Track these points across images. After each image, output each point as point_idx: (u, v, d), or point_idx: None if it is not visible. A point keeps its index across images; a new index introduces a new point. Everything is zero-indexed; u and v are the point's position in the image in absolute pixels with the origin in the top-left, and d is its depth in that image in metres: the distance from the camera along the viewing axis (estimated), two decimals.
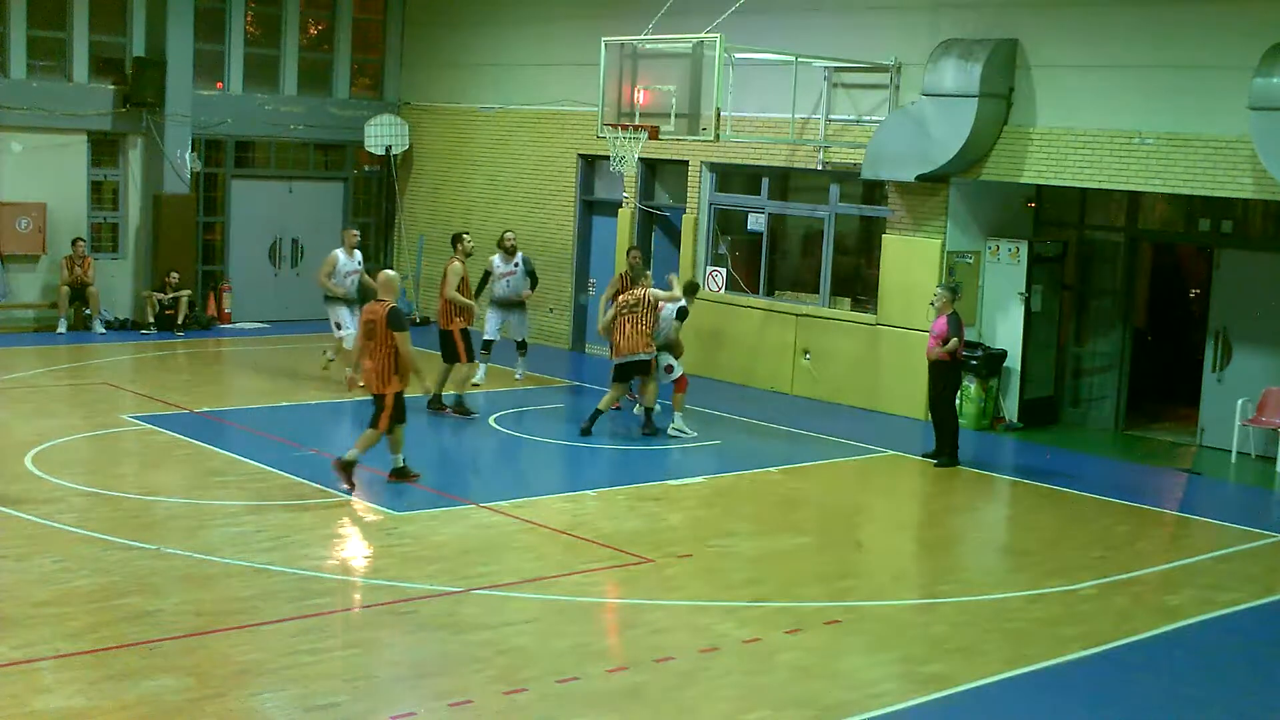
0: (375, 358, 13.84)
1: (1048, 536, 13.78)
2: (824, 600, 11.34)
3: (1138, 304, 19.99)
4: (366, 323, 13.96)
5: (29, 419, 16.46)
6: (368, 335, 13.89)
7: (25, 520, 12.31)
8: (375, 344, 13.81)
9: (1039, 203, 19.59)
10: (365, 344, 13.93)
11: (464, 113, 25.65)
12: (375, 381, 13.88)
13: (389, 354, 13.78)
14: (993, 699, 9.48)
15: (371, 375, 13.89)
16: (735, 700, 9.13)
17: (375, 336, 13.81)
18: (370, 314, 13.96)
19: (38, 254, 23.37)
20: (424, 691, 9.01)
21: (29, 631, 9.65)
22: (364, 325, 14.02)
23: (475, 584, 11.17)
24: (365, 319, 14.00)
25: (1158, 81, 16.90)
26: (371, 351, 13.86)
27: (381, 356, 13.80)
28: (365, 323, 13.98)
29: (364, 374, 14.01)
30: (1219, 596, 11.95)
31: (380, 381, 13.85)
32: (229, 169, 25.40)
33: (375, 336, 13.81)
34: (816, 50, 19.42)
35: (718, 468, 15.94)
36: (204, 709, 8.50)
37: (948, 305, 16.49)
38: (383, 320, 13.75)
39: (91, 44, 23.80)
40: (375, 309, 13.93)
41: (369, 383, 13.97)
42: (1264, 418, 17.26)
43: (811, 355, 20.33)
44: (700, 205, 21.85)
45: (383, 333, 13.75)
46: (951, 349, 16.29)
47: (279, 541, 12.08)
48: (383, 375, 13.84)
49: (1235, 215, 18.08)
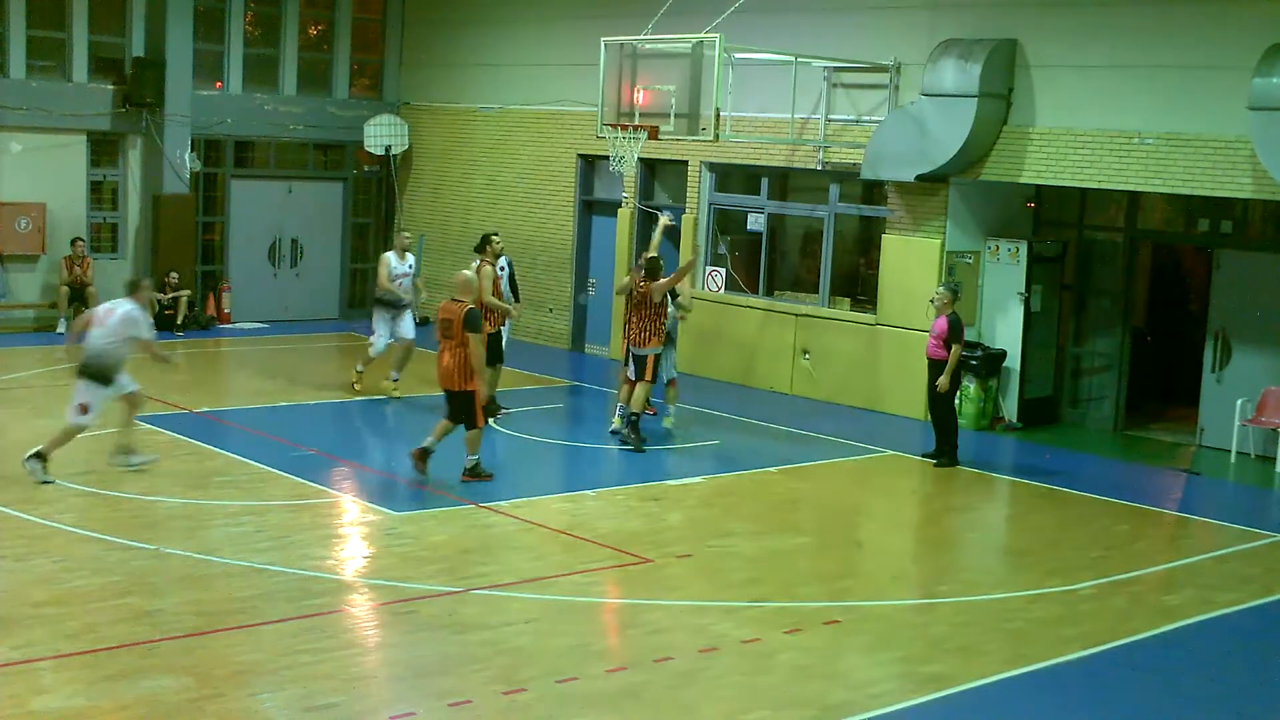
0: (454, 355, 14.15)
1: (1047, 536, 13.78)
2: (823, 600, 11.34)
3: (1137, 304, 19.99)
4: (443, 321, 14.25)
5: (28, 419, 16.46)
6: (445, 334, 14.22)
7: (24, 520, 12.31)
8: (453, 342, 14.13)
9: (1038, 203, 19.59)
10: (443, 341, 14.26)
11: (463, 113, 25.66)
12: (456, 378, 14.15)
13: (467, 353, 14.10)
14: (992, 699, 9.48)
15: (451, 372, 14.16)
16: (735, 700, 9.13)
17: (453, 335, 14.12)
18: (447, 313, 14.23)
19: (37, 254, 23.37)
20: (423, 691, 9.01)
21: (28, 632, 9.64)
22: (440, 324, 14.32)
23: (475, 584, 11.16)
24: (442, 317, 14.29)
25: (1157, 81, 16.90)
26: (450, 349, 14.17)
27: (460, 354, 14.12)
28: (442, 321, 14.28)
29: (440, 371, 14.32)
30: (1218, 596, 11.95)
31: (461, 378, 14.14)
32: (228, 169, 25.40)
33: (453, 335, 14.12)
34: (816, 50, 19.42)
35: (717, 468, 15.94)
36: (203, 709, 8.50)
37: (948, 305, 16.40)
38: (460, 320, 14.04)
39: (91, 44, 23.80)
40: (453, 308, 14.20)
41: (446, 380, 14.26)
42: (1263, 418, 17.26)
43: (811, 355, 20.33)
44: (700, 205, 21.85)
45: (459, 332, 14.04)
46: (954, 358, 16.18)
47: (278, 541, 12.07)
48: (463, 372, 14.12)
49: (1235, 215, 18.09)
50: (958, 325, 16.34)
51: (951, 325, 16.27)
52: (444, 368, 14.25)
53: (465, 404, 14.22)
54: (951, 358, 16.16)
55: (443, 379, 14.32)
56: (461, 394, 14.20)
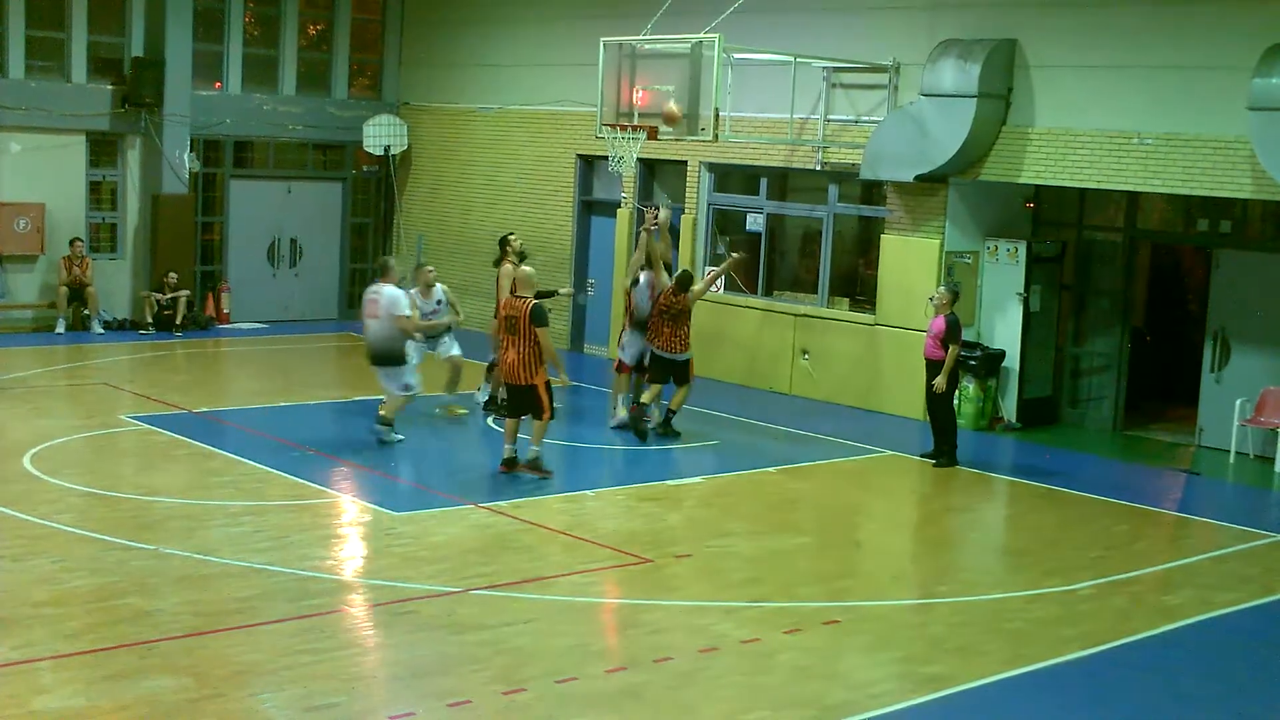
0: (519, 350, 14.50)
1: (1046, 536, 13.78)
2: (823, 600, 11.34)
3: (1136, 304, 19.99)
4: (508, 318, 14.71)
5: (27, 419, 16.46)
6: (510, 330, 14.61)
7: (24, 520, 12.31)
8: (519, 338, 14.49)
9: (1037, 203, 19.59)
10: (508, 338, 14.67)
11: (463, 113, 25.66)
12: (521, 373, 14.52)
13: (533, 347, 14.45)
14: (991, 699, 9.47)
15: (517, 367, 14.54)
16: (734, 700, 9.12)
17: (518, 331, 14.48)
18: (512, 309, 14.70)
19: (36, 254, 23.37)
20: (423, 691, 9.01)
21: (28, 632, 9.64)
22: (504, 320, 14.80)
23: (474, 584, 11.16)
24: (506, 314, 14.80)
25: (1156, 82, 16.91)
26: (515, 345, 14.54)
27: (526, 349, 14.46)
28: (506, 318, 14.75)
29: (506, 366, 14.72)
30: (1217, 596, 11.95)
31: (527, 373, 14.50)
32: (228, 169, 25.40)
33: (518, 331, 14.48)
34: (815, 50, 19.42)
35: (716, 468, 15.94)
36: (203, 709, 8.50)
37: (947, 305, 16.34)
38: (526, 315, 14.41)
39: (90, 44, 23.80)
40: (516, 304, 14.66)
41: (512, 375, 14.63)
42: (1262, 418, 17.26)
43: (810, 355, 20.34)
44: (699, 205, 21.85)
45: (526, 327, 14.39)
46: (952, 358, 16.14)
47: (278, 542, 12.07)
48: (529, 366, 14.50)
49: (1234, 215, 18.09)
50: (955, 325, 16.28)
51: (950, 325, 16.21)
52: (509, 363, 14.63)
53: (532, 397, 14.58)
54: (949, 358, 16.09)
55: (508, 374, 14.71)
56: (528, 388, 14.55)
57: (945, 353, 16.19)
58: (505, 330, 14.77)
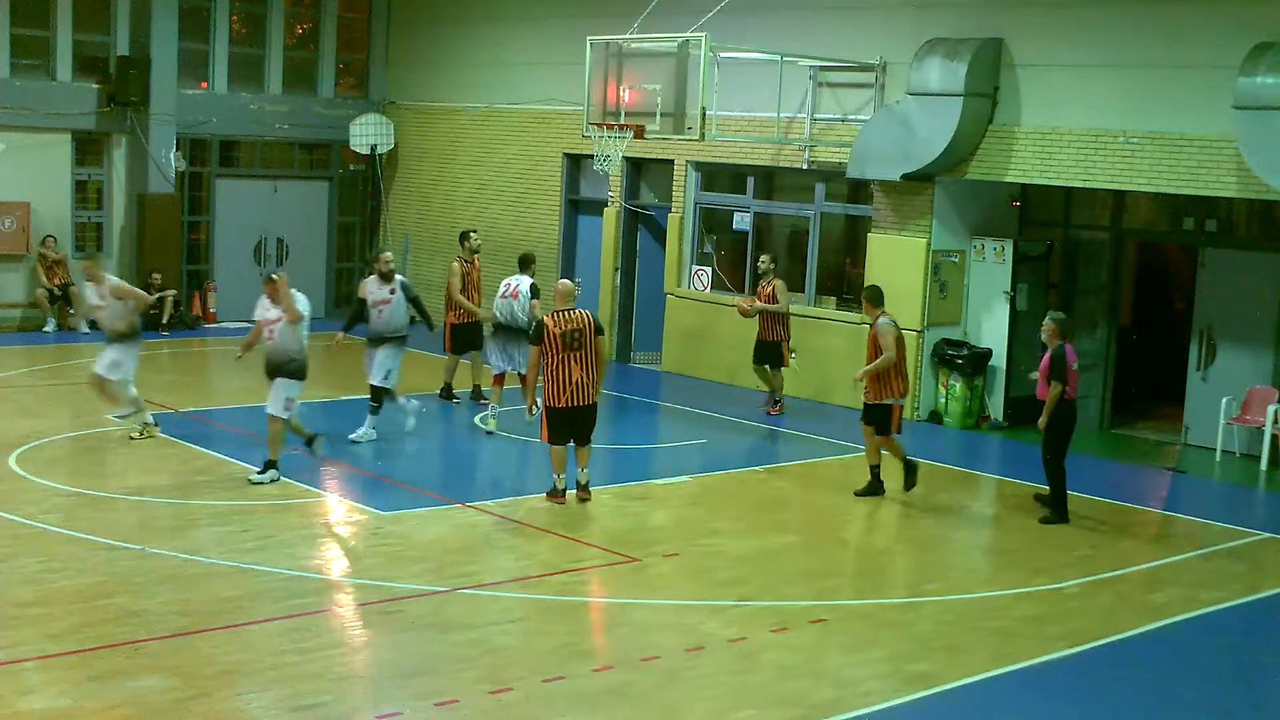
0: (585, 367, 13.35)
1: (1033, 535, 13.80)
2: (809, 599, 11.35)
3: (1123, 303, 20.02)
4: (570, 333, 13.27)
5: (12, 419, 16.41)
6: (573, 346, 13.27)
7: (9, 520, 12.27)
8: (584, 353, 13.32)
9: (1024, 201, 19.63)
10: (567, 355, 13.25)
11: (449, 112, 25.63)
12: (592, 392, 13.45)
13: (597, 361, 13.42)
14: (978, 697, 9.49)
15: (586, 386, 13.37)
16: (721, 699, 9.13)
17: (584, 345, 13.32)
18: (574, 323, 13.34)
19: (21, 254, 23.31)
20: (410, 691, 9.00)
21: (13, 632, 9.62)
22: (564, 336, 13.24)
23: (461, 583, 11.16)
24: (567, 329, 13.26)
25: (1142, 80, 16.94)
26: (579, 361, 13.30)
27: (591, 365, 13.39)
28: (568, 333, 13.26)
29: (572, 387, 13.30)
30: (1203, 595, 11.98)
31: (595, 390, 13.52)
32: (214, 168, 25.36)
33: (584, 345, 13.32)
34: (802, 49, 19.44)
35: (703, 467, 15.94)
36: (190, 709, 8.48)
37: (1055, 335, 13.85)
38: (593, 328, 13.39)
39: (75, 43, 23.74)
40: (575, 318, 13.38)
41: (582, 395, 13.38)
42: (1248, 416, 17.31)
43: (797, 354, 20.34)
44: (685, 204, 21.85)
45: (592, 340, 13.34)
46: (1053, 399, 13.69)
47: (265, 541, 12.05)
48: (596, 384, 13.49)
49: (1220, 214, 18.13)
50: (1059, 359, 13.72)
51: (1054, 360, 13.75)
52: (577, 382, 13.29)
53: (594, 418, 13.70)
54: (1051, 397, 13.74)
55: (577, 395, 13.35)
56: (593, 407, 13.58)
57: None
58: (565, 348, 13.21)
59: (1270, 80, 15.39)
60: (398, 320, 16.32)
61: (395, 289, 16.31)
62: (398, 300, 16.30)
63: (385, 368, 16.15)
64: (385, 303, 16.25)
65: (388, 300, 16.25)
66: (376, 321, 16.27)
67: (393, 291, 16.29)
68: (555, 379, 13.32)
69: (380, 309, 16.24)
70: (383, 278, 16.36)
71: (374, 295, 16.28)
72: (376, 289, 16.31)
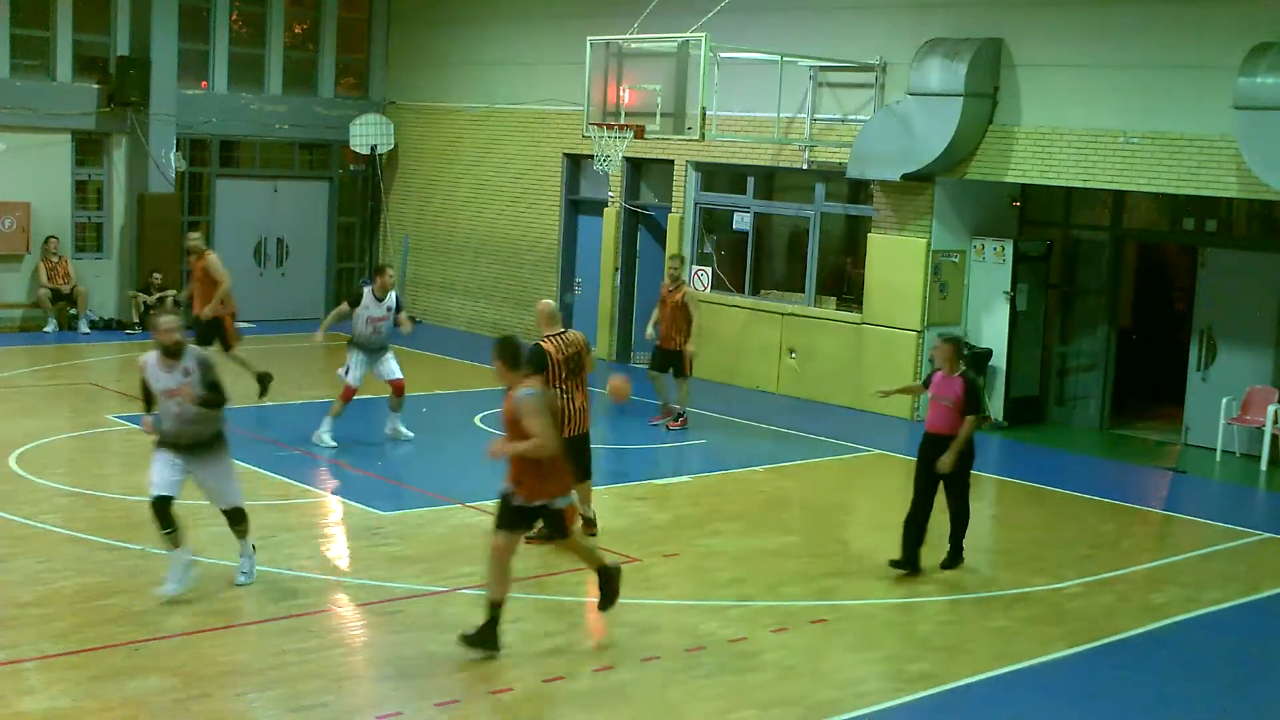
0: (585, 392, 12.27)
1: (1033, 535, 13.81)
2: (809, 599, 11.35)
3: (1123, 303, 20.02)
4: (572, 358, 12.05)
5: (13, 419, 16.41)
6: (576, 370, 12.10)
7: (9, 521, 12.28)
8: (582, 379, 12.18)
9: (1024, 202, 19.63)
10: (571, 381, 12.04)
11: (449, 112, 25.63)
12: (588, 419, 12.35)
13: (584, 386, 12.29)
14: (978, 697, 9.49)
15: (587, 412, 12.30)
16: (721, 699, 9.13)
17: (582, 371, 12.17)
18: (574, 346, 12.13)
19: (21, 254, 23.31)
20: (410, 691, 9.00)
21: (14, 633, 9.62)
22: (567, 362, 12.00)
23: (461, 584, 11.15)
24: (569, 354, 12.03)
25: (1142, 81, 16.94)
26: (580, 388, 12.16)
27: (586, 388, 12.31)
28: (570, 358, 12.03)
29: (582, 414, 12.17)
30: (1203, 595, 11.98)
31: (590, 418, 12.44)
32: (214, 168, 25.36)
33: (582, 371, 12.17)
34: (802, 49, 19.44)
35: (703, 467, 15.95)
36: (190, 709, 8.49)
37: (955, 360, 12.18)
38: (586, 346, 12.32)
39: (75, 43, 23.75)
40: (573, 339, 12.18)
41: (583, 423, 12.22)
42: (1248, 416, 17.31)
43: (797, 354, 20.34)
44: (685, 204, 21.85)
45: (587, 360, 12.23)
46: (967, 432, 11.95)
47: (265, 542, 12.02)
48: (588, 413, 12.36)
49: (1220, 214, 18.14)
50: (975, 390, 12.16)
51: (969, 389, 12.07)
52: (580, 409, 12.13)
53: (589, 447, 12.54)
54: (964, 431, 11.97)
55: (582, 422, 12.18)
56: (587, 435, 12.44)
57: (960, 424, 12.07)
58: (570, 373, 11.99)
59: (1270, 80, 15.39)
60: (389, 336, 16.03)
61: (391, 306, 15.87)
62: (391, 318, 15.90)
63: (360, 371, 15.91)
64: (382, 319, 15.84)
65: (384, 317, 15.83)
66: (369, 336, 15.86)
67: (389, 309, 15.85)
68: (561, 408, 11.74)
69: (377, 325, 15.82)
70: (383, 293, 15.84)
71: (371, 312, 15.77)
72: (375, 306, 15.79)
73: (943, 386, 12.05)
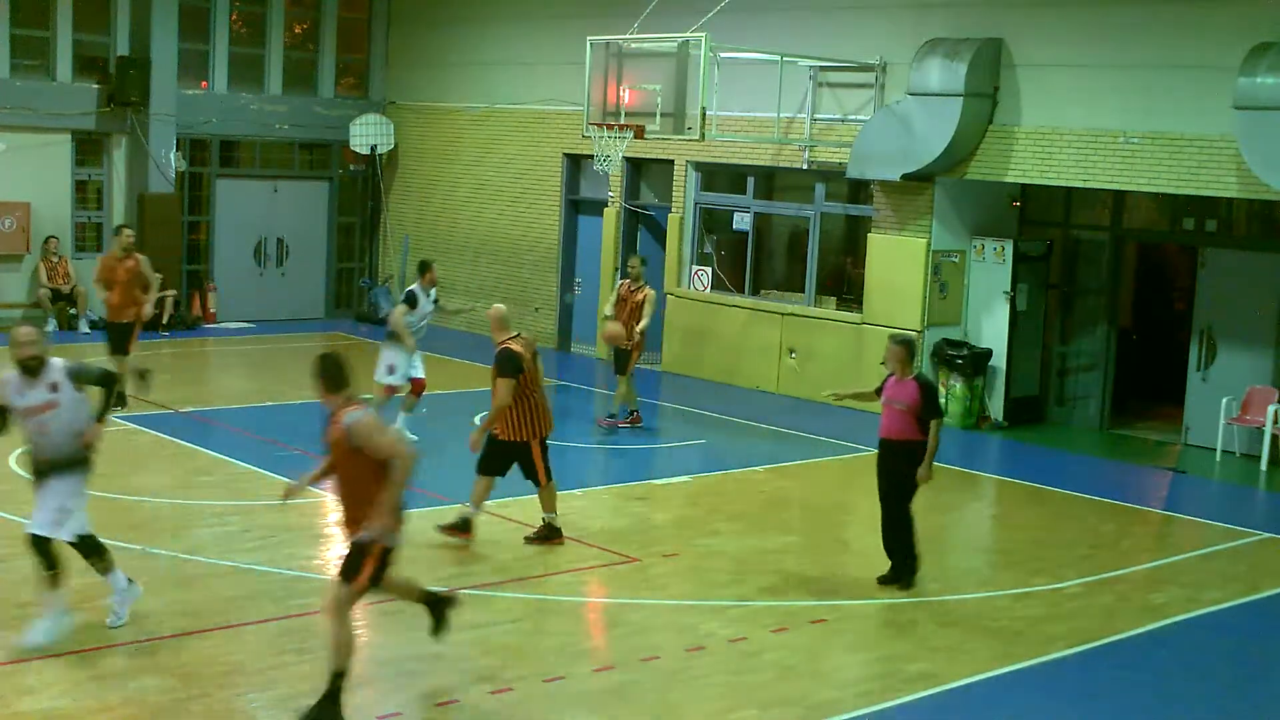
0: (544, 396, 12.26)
1: (1033, 535, 13.81)
2: (809, 599, 11.35)
3: (1123, 303, 20.03)
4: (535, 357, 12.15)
5: None
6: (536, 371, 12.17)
7: (9, 521, 12.26)
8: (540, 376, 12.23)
9: (1024, 202, 19.63)
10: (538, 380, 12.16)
11: (449, 112, 25.63)
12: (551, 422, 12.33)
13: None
14: (978, 697, 9.49)
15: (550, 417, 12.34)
16: (721, 699, 9.13)
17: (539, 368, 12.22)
18: (532, 346, 12.20)
19: (21, 254, 23.32)
20: (410, 691, 9.00)
21: (14, 633, 9.61)
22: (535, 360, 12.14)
23: (461, 583, 11.14)
24: (533, 353, 12.09)
25: (1142, 81, 16.94)
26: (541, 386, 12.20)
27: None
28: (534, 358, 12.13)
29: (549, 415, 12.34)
30: (1203, 595, 11.98)
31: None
32: (214, 168, 25.36)
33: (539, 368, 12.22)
34: (802, 49, 19.44)
35: (703, 467, 15.95)
36: (189, 709, 8.49)
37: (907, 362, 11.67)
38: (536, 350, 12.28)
39: (75, 43, 23.75)
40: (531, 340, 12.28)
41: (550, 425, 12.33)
42: (1248, 416, 17.31)
43: (797, 354, 20.34)
44: (685, 204, 21.85)
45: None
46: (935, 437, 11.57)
47: (264, 541, 12.06)
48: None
49: (1220, 214, 18.14)
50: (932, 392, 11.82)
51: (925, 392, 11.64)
52: (547, 409, 12.33)
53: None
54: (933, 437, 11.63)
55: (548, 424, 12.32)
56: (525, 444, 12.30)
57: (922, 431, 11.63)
58: (536, 376, 12.16)
59: (1270, 80, 15.40)
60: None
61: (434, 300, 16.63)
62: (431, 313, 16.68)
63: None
64: (431, 312, 16.59)
65: (432, 311, 16.61)
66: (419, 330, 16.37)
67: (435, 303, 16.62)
68: (537, 410, 12.11)
69: (427, 317, 16.51)
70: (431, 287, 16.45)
71: (424, 306, 16.33)
72: (426, 301, 16.35)
73: (896, 390, 11.64)
